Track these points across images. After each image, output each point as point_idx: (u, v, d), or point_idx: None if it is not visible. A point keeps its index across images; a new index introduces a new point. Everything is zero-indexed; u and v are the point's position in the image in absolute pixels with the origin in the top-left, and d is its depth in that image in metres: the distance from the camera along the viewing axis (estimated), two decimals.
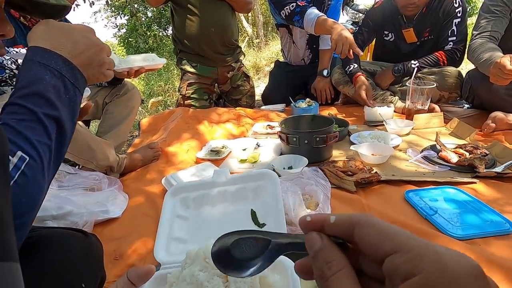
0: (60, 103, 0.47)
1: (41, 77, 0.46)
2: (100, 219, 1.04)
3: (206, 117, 1.92)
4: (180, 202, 0.62)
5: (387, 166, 1.25)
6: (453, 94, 1.82)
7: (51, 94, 0.46)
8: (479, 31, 1.61)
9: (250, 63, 4.47)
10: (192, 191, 0.64)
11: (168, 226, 0.57)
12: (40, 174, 0.43)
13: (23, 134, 0.42)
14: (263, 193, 0.62)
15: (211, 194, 0.63)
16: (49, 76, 0.47)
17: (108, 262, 0.88)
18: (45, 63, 0.47)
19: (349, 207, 1.01)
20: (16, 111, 0.43)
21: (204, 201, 0.63)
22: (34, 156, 0.42)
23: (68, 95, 0.48)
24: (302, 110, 1.89)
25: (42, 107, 0.45)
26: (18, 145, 0.41)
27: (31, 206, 0.42)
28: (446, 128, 1.61)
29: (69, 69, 0.49)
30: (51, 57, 0.48)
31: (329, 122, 1.36)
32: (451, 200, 0.98)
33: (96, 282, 0.57)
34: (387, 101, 1.91)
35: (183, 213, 0.60)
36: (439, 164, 1.21)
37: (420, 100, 1.68)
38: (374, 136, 1.49)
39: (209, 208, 0.62)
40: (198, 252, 0.45)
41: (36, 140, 0.43)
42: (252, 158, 1.39)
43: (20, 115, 0.43)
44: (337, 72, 2.05)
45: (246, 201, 0.63)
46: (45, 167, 0.44)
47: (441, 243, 0.79)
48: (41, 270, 0.49)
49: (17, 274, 0.20)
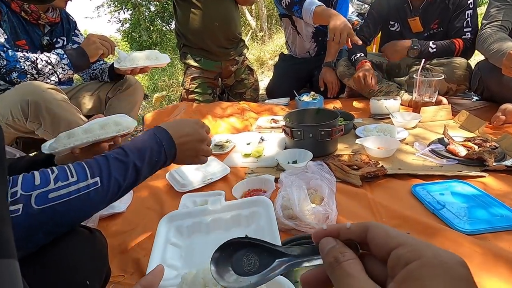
0: (148, 160, 0.59)
1: (147, 141, 0.60)
2: (105, 214, 1.04)
3: (210, 112, 1.91)
4: (175, 229, 0.62)
5: (393, 159, 1.23)
6: (461, 86, 1.78)
7: (147, 152, 0.59)
8: (489, 20, 1.57)
9: (254, 57, 4.43)
10: (187, 218, 0.64)
11: (161, 253, 0.56)
12: (99, 202, 0.51)
13: (110, 168, 0.52)
14: (258, 218, 0.62)
15: (205, 222, 0.64)
16: (153, 141, 0.61)
17: (113, 256, 0.88)
18: (156, 134, 0.63)
19: (354, 202, 1.00)
20: (118, 152, 0.56)
21: (197, 229, 0.64)
22: (104, 186, 0.51)
23: (157, 159, 0.61)
24: (307, 103, 1.87)
25: (136, 158, 0.57)
26: (101, 173, 0.51)
27: (73, 223, 0.49)
28: (454, 121, 1.58)
29: (169, 143, 0.63)
30: (162, 131, 0.64)
31: (334, 116, 1.34)
32: (459, 194, 0.96)
33: (101, 278, 0.57)
34: (393, 94, 1.88)
35: (176, 241, 0.60)
36: (447, 158, 1.19)
37: (428, 93, 1.64)
38: (380, 129, 1.47)
39: (202, 236, 0.63)
40: (196, 277, 0.43)
41: (114, 177, 0.53)
42: (256, 152, 1.38)
43: (119, 155, 0.55)
44: (342, 65, 2.02)
45: (240, 228, 0.64)
46: (107, 198, 0.53)
47: (449, 238, 0.78)
48: (46, 267, 0.49)
49: (15, 271, 0.19)
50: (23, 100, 1.11)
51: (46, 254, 0.49)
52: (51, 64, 1.18)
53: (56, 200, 0.45)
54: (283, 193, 0.91)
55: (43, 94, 1.13)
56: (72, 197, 0.47)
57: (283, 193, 0.91)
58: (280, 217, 0.86)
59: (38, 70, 1.15)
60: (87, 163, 0.52)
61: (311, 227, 0.82)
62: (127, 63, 1.33)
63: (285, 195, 0.90)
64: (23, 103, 1.12)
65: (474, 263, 0.71)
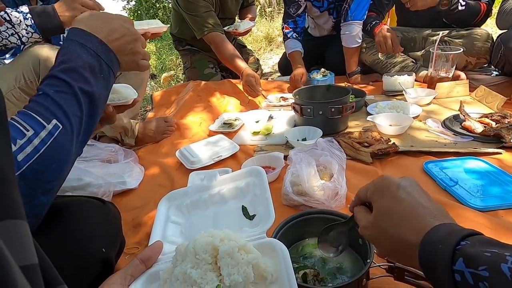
0: (94, 80, 0.51)
1: (79, 55, 0.50)
2: (118, 190, 1.07)
3: (218, 89, 1.89)
4: (175, 208, 0.63)
5: (405, 137, 1.20)
6: (481, 59, 1.69)
7: (87, 71, 0.50)
8: None
9: (262, 34, 4.30)
10: (185, 197, 0.65)
11: (162, 231, 0.57)
12: (70, 143, 0.47)
13: (60, 105, 0.46)
14: (253, 188, 0.63)
15: (203, 198, 0.65)
16: (86, 55, 0.51)
17: (127, 230, 0.91)
18: (83, 43, 0.51)
19: (364, 179, 0.99)
20: (54, 83, 0.48)
21: (196, 205, 0.65)
22: (66, 126, 0.46)
23: (103, 75, 0.53)
24: (317, 81, 1.82)
25: (78, 82, 0.49)
26: (54, 114, 0.45)
27: (60, 173, 0.46)
28: (471, 97, 1.51)
29: (105, 51, 0.53)
30: (89, 38, 0.52)
31: (345, 92, 1.30)
32: (473, 171, 0.94)
33: (115, 246, 0.60)
34: (407, 69, 1.81)
35: (177, 219, 0.62)
36: (462, 135, 1.15)
37: (444, 67, 1.57)
38: (393, 106, 1.42)
39: (201, 211, 0.64)
40: (187, 248, 0.45)
41: (71, 112, 0.47)
42: (265, 130, 1.37)
43: (58, 87, 0.47)
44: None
45: (236, 199, 0.65)
46: (75, 137, 0.47)
47: (460, 214, 0.77)
48: (62, 236, 0.51)
49: (26, 233, 0.19)
50: (34, 61, 1.07)
51: (62, 223, 0.50)
52: (10, 22, 0.99)
53: (28, 161, 0.42)
54: (292, 169, 0.91)
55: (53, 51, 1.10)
56: (42, 150, 0.43)
57: (292, 169, 0.91)
58: (289, 193, 0.86)
59: None
60: (31, 109, 0.45)
61: (320, 202, 0.83)
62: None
63: (294, 171, 0.90)
64: (34, 64, 1.07)
65: None
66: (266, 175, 0.64)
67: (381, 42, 1.73)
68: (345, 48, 1.89)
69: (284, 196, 0.90)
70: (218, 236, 0.45)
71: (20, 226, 0.19)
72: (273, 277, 0.44)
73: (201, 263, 0.43)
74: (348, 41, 1.84)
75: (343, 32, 1.85)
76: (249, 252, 0.44)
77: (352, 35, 1.82)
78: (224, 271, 0.42)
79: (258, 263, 0.43)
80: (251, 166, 0.70)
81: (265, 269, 0.44)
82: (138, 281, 0.46)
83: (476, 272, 0.28)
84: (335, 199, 0.83)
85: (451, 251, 0.30)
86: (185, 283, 0.41)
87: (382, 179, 0.43)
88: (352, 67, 1.91)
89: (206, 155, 1.20)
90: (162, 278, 0.45)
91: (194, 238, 0.45)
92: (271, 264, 0.45)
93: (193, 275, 0.41)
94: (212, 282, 0.41)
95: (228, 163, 1.20)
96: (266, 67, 3.18)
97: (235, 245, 0.43)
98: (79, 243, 0.50)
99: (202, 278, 0.41)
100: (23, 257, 0.18)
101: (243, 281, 0.41)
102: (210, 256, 0.43)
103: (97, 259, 0.51)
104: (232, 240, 0.45)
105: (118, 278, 0.44)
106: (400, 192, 0.39)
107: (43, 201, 0.44)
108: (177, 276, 0.42)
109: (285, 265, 0.43)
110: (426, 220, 0.36)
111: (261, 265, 0.44)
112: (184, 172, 1.16)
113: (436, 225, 0.35)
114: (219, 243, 0.44)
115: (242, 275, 0.41)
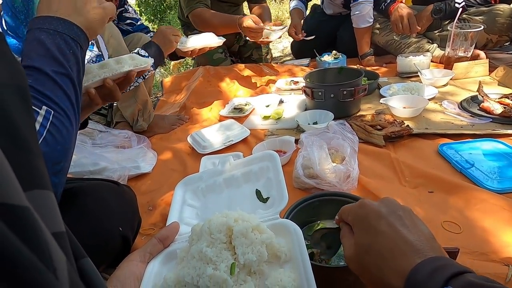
0: (64, 59, 0.49)
1: (39, 40, 0.48)
2: (133, 174, 1.10)
3: (228, 75, 1.88)
4: (191, 192, 0.65)
5: (420, 119, 1.17)
6: (503, 37, 1.61)
7: (54, 52, 0.48)
8: None
9: (272, 17, 4.21)
10: (201, 181, 0.66)
11: (178, 213, 0.59)
12: (68, 123, 0.48)
13: (41, 92, 0.46)
14: (266, 172, 0.64)
15: (218, 182, 0.66)
16: (46, 36, 0.48)
17: (143, 212, 0.94)
18: (40, 27, 0.49)
19: (376, 162, 0.98)
20: (28, 73, 0.46)
21: (211, 189, 0.66)
22: (56, 109, 0.46)
23: (72, 50, 0.50)
24: (328, 63, 1.78)
25: (50, 65, 0.47)
26: (40, 100, 0.45)
27: (65, 153, 0.47)
28: (491, 77, 1.45)
29: (64, 26, 0.50)
30: (44, 20, 0.50)
31: (357, 75, 1.27)
32: (491, 153, 0.92)
33: (132, 226, 0.62)
34: (423, 50, 1.74)
35: (193, 202, 0.64)
36: (480, 116, 1.11)
37: (463, 47, 1.50)
38: (407, 88, 1.38)
39: (216, 195, 0.65)
40: (202, 228, 0.46)
41: (54, 95, 0.47)
42: (276, 114, 1.36)
43: (32, 76, 0.46)
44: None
45: (250, 183, 0.65)
46: (68, 116, 0.48)
47: (475, 196, 0.76)
48: (81, 215, 0.53)
49: (53, 202, 0.20)
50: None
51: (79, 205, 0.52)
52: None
53: None
54: (303, 152, 0.91)
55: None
56: (44, 133, 0.44)
57: (304, 152, 0.91)
58: (300, 176, 0.86)
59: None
60: None
61: (331, 185, 0.83)
62: (188, 44, 1.35)
63: (306, 154, 0.90)
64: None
65: (501, 219, 0.69)
66: (279, 159, 0.64)
67: (397, 21, 1.66)
68: (356, 30, 1.82)
69: (296, 179, 0.90)
70: (232, 217, 0.46)
71: (47, 195, 0.20)
72: (287, 256, 0.44)
73: (216, 242, 0.44)
74: (359, 21, 1.78)
75: (353, 12, 1.79)
76: (262, 232, 0.45)
77: (363, 15, 1.75)
78: (239, 250, 0.43)
79: (272, 242, 0.44)
80: (264, 151, 0.70)
81: (279, 249, 0.44)
82: (157, 259, 0.48)
83: None
84: (347, 182, 0.83)
85: None
86: (201, 261, 0.42)
87: (361, 207, 0.41)
88: (364, 49, 1.85)
89: (217, 140, 1.21)
90: (179, 257, 0.47)
91: (209, 218, 0.46)
92: (284, 244, 0.45)
93: (209, 253, 0.42)
94: (227, 260, 0.42)
95: (239, 147, 1.21)
96: (276, 51, 3.12)
97: (249, 226, 0.44)
98: (98, 222, 0.52)
99: (217, 256, 0.42)
100: (52, 225, 0.19)
101: (257, 259, 0.42)
102: (224, 235, 0.44)
103: (116, 237, 0.54)
104: (246, 220, 0.45)
105: (137, 255, 0.46)
106: (381, 224, 0.37)
107: (55, 181, 0.46)
108: (193, 254, 0.43)
109: (299, 244, 0.44)
110: (408, 258, 0.33)
111: (274, 244, 0.44)
112: (196, 157, 1.18)
113: (418, 263, 0.32)
114: (234, 223, 0.45)
115: (256, 254, 0.42)
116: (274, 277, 0.41)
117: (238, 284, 0.41)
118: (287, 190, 0.57)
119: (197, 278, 0.40)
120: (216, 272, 0.40)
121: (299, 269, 0.41)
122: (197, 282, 0.40)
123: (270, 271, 0.43)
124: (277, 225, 0.49)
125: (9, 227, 0.14)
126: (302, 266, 0.41)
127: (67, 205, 0.52)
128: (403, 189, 0.85)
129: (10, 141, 0.19)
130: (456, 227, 0.70)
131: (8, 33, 1.10)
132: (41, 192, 0.19)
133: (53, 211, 0.19)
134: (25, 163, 0.19)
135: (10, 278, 0.13)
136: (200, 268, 0.41)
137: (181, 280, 0.42)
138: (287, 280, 0.40)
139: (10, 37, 1.10)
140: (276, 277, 0.41)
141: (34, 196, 0.18)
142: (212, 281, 0.40)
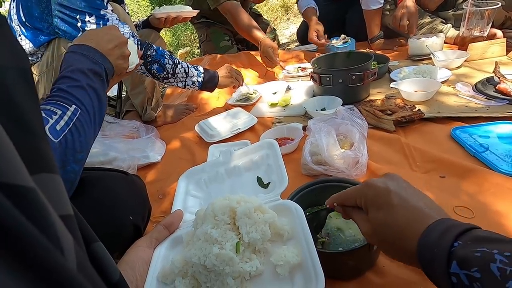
0: (97, 80, 0.60)
1: (82, 61, 0.61)
2: (142, 164, 1.12)
3: (234, 62, 1.86)
4: (194, 183, 0.67)
5: (432, 103, 1.14)
6: None
7: (90, 73, 0.60)
8: None
9: (278, 2, 4.11)
10: (203, 172, 0.68)
11: (182, 203, 0.61)
12: (90, 121, 0.56)
13: (73, 95, 0.56)
14: (266, 159, 0.66)
15: (220, 173, 0.68)
16: (88, 62, 0.61)
17: (153, 201, 0.96)
18: (84, 53, 0.62)
19: (386, 147, 0.96)
20: (65, 81, 0.57)
21: (214, 180, 0.68)
22: (83, 109, 0.56)
23: (102, 78, 0.62)
24: (337, 48, 1.73)
25: (85, 79, 0.58)
26: (72, 100, 0.55)
27: (86, 145, 0.55)
28: (509, 57, 1.39)
29: (103, 59, 0.63)
30: (88, 49, 0.63)
31: (366, 58, 1.23)
32: (506, 136, 0.88)
33: (143, 215, 0.63)
34: (436, 31, 1.67)
35: (196, 193, 0.66)
36: (496, 98, 1.07)
37: (479, 26, 1.43)
38: (419, 71, 1.34)
39: (218, 185, 0.67)
40: (206, 211, 0.47)
41: (83, 99, 0.57)
42: (283, 101, 1.35)
43: (70, 83, 0.57)
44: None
45: (251, 171, 0.67)
46: (91, 117, 0.57)
47: (489, 180, 0.73)
48: (92, 204, 0.54)
49: (60, 185, 0.20)
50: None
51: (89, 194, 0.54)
52: (186, 73, 1.22)
53: (64, 130, 0.51)
54: (311, 139, 0.90)
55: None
56: (71, 124, 0.52)
57: (312, 139, 0.90)
58: (308, 163, 0.86)
59: (174, 72, 1.19)
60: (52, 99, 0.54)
61: (340, 171, 0.82)
62: (162, 10, 1.40)
63: (314, 141, 0.89)
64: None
65: None
66: (278, 146, 0.66)
67: (397, 17, 1.59)
68: (365, 12, 1.76)
69: (303, 166, 0.89)
70: (235, 199, 0.47)
71: (54, 179, 0.19)
72: (289, 234, 0.45)
73: (220, 223, 0.45)
74: (369, 3, 1.71)
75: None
76: (265, 212, 0.46)
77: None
78: (243, 230, 0.44)
79: (274, 221, 0.45)
80: (263, 140, 0.71)
81: (281, 227, 0.45)
82: (163, 244, 0.50)
83: (469, 274, 0.30)
84: (355, 167, 0.82)
85: (445, 256, 0.32)
86: (207, 242, 0.43)
87: (369, 188, 0.43)
88: (374, 31, 1.79)
89: (225, 129, 1.21)
90: (185, 241, 0.48)
91: (212, 202, 0.47)
92: (286, 223, 0.46)
93: (214, 234, 0.43)
94: (232, 239, 0.43)
95: (246, 135, 1.20)
96: (283, 37, 3.07)
97: (251, 206, 0.45)
98: (109, 211, 0.54)
99: (222, 236, 0.43)
100: (59, 207, 0.19)
101: (261, 238, 0.43)
102: (228, 217, 0.45)
103: (127, 225, 0.55)
104: (248, 201, 0.46)
105: (144, 241, 0.47)
106: (392, 199, 0.40)
107: (75, 168, 0.50)
108: (199, 236, 0.44)
109: (300, 222, 0.45)
110: (421, 222, 0.37)
111: (277, 223, 0.45)
112: (203, 146, 1.18)
113: (429, 224, 0.36)
114: (236, 205, 0.46)
115: (260, 233, 0.43)
116: (278, 253, 0.42)
117: (244, 262, 0.42)
118: (294, 177, 0.57)
119: (204, 258, 0.41)
120: (222, 251, 0.41)
121: (302, 245, 0.42)
122: (204, 262, 0.41)
123: (274, 248, 0.44)
124: (278, 206, 0.50)
125: (15, 206, 0.14)
126: (305, 241, 0.42)
127: (77, 195, 0.53)
128: (414, 174, 0.84)
129: (15, 125, 0.18)
130: (469, 211, 0.69)
131: (26, 25, 1.12)
132: (48, 176, 0.19)
133: (60, 193, 0.19)
134: (31, 146, 0.19)
135: (16, 255, 0.13)
136: (206, 249, 0.42)
137: (188, 261, 0.43)
138: (291, 256, 0.41)
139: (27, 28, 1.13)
140: (280, 253, 0.42)
141: (41, 179, 0.18)
142: (218, 260, 0.41)
